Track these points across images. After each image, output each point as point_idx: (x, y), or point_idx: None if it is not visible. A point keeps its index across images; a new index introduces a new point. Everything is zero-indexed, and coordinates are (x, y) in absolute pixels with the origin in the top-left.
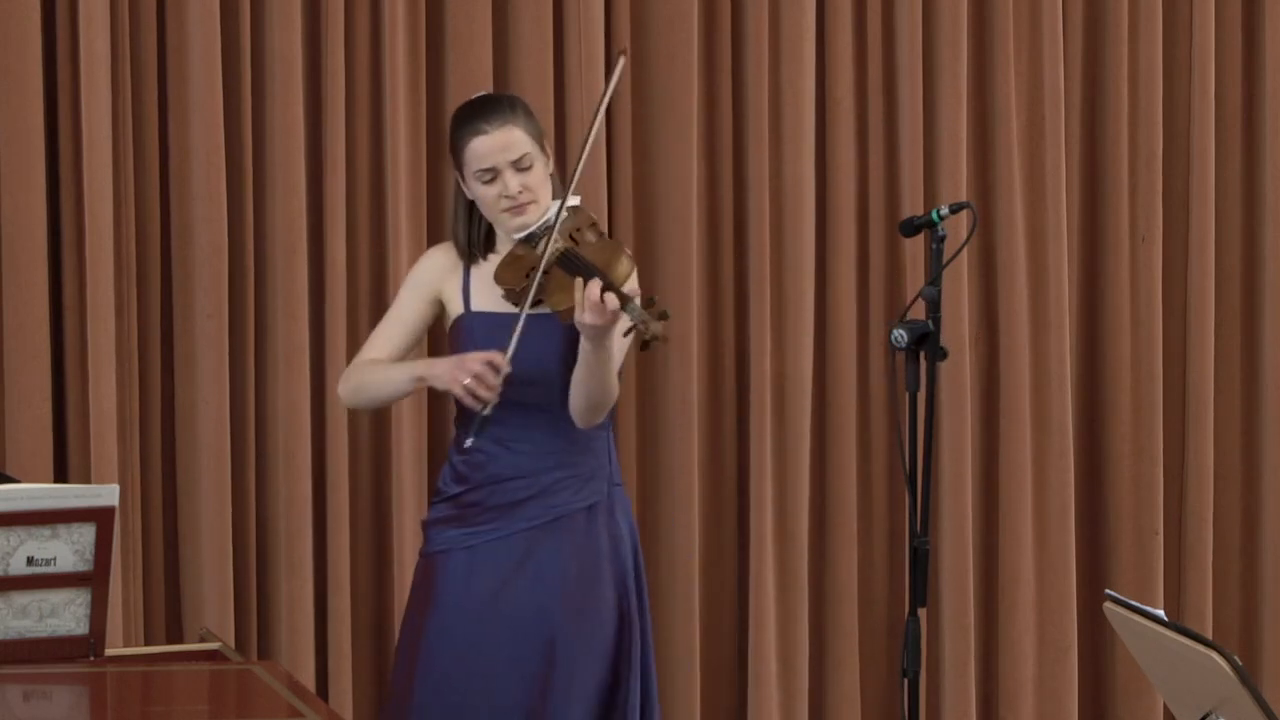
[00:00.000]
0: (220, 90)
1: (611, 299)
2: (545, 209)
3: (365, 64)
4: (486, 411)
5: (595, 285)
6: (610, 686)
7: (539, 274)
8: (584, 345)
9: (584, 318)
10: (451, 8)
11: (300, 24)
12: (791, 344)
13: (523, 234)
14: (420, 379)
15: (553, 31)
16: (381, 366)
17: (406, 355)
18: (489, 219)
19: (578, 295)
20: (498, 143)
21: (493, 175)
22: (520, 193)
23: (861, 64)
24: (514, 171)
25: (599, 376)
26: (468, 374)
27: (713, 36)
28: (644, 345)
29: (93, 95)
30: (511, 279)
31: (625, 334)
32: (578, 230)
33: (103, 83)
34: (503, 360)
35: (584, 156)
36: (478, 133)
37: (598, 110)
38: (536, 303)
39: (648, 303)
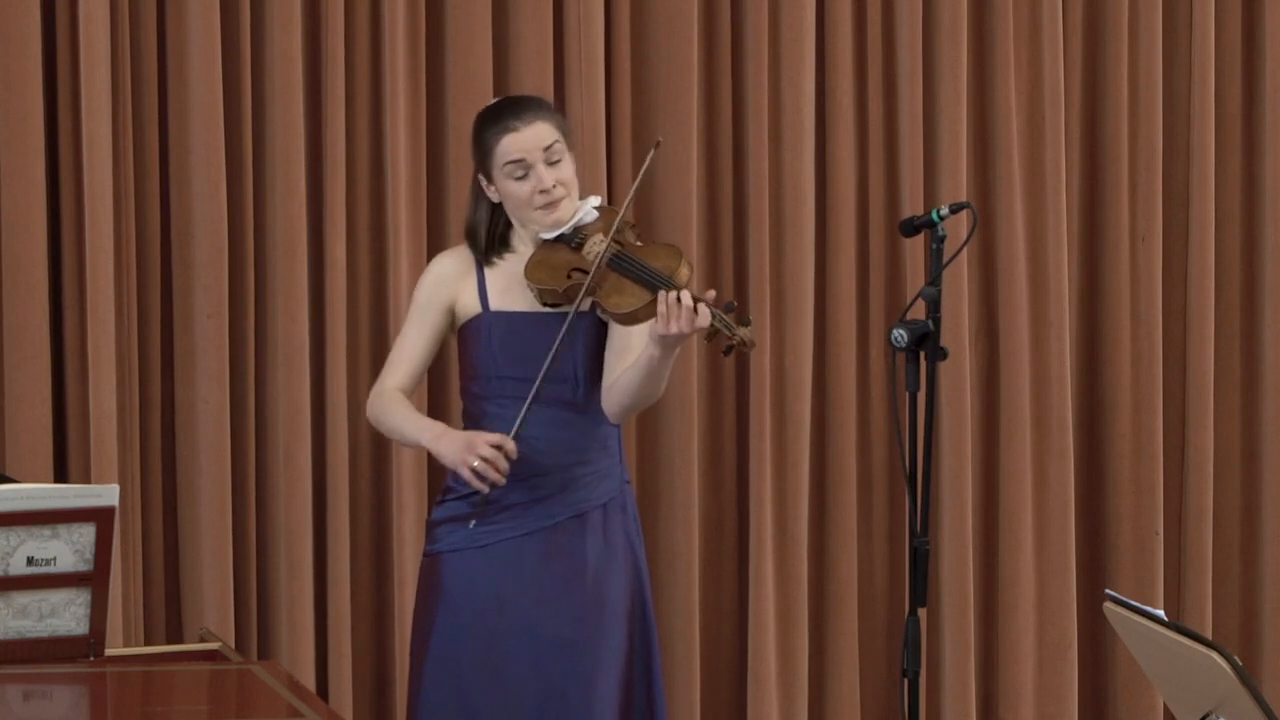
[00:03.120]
0: (220, 90)
1: (704, 314)
2: (576, 207)
3: (365, 64)
4: (486, 490)
5: (685, 295)
6: (627, 684)
7: (590, 277)
8: (652, 351)
9: (672, 329)
10: (451, 8)
11: (300, 24)
12: (791, 343)
13: (554, 233)
14: (424, 447)
15: (553, 31)
16: (400, 408)
17: (424, 373)
18: (517, 219)
19: (660, 308)
20: (528, 137)
21: (524, 170)
22: (555, 186)
23: (861, 64)
24: (546, 165)
25: (658, 379)
26: (476, 457)
27: (713, 36)
28: (728, 351)
29: (93, 95)
30: (548, 278)
31: (707, 339)
32: (618, 231)
33: (103, 83)
34: (512, 445)
35: (632, 194)
36: (508, 130)
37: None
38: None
39: (726, 308)
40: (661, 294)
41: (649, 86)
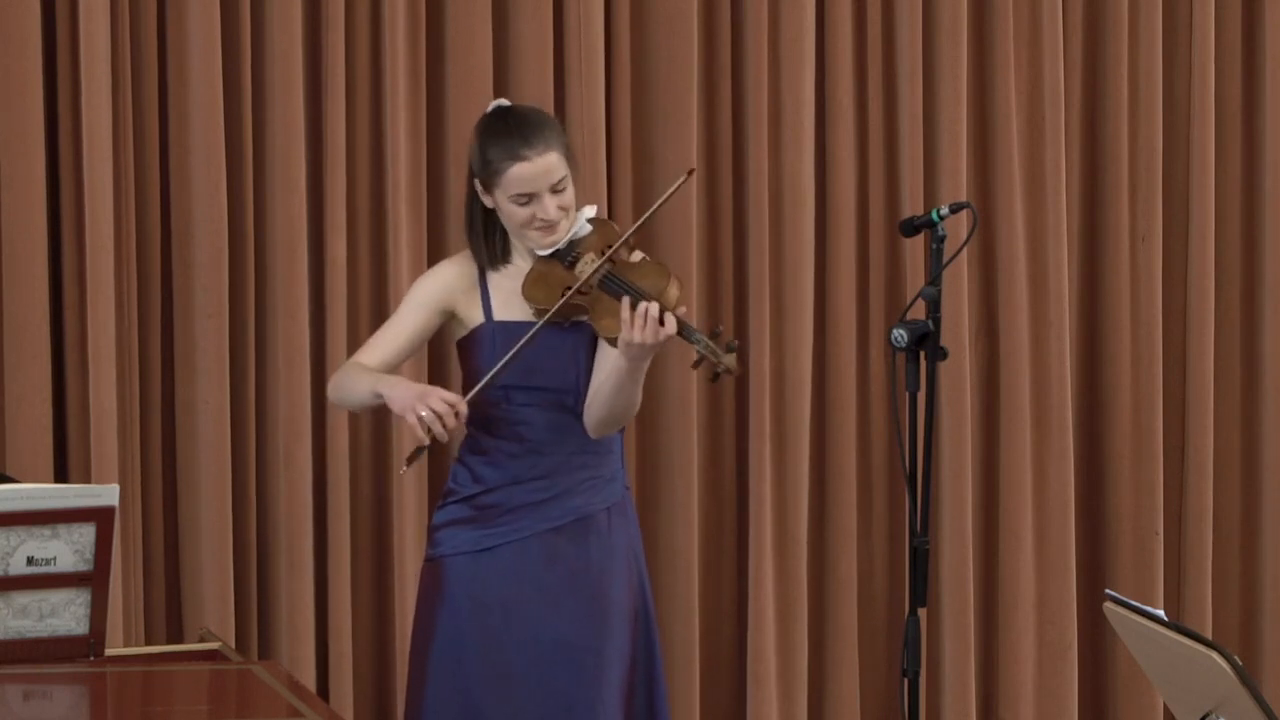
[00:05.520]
0: (220, 89)
1: (671, 321)
2: (571, 223)
3: (365, 64)
4: (427, 444)
5: (653, 305)
6: (629, 688)
7: (573, 292)
8: (620, 364)
9: (634, 336)
10: (451, 7)
11: (300, 24)
12: (791, 344)
13: (549, 250)
14: (379, 396)
15: (553, 32)
16: (360, 372)
17: (398, 366)
18: (511, 233)
19: (625, 314)
20: (539, 169)
21: (529, 199)
22: (556, 212)
23: (861, 64)
24: (551, 194)
25: (628, 394)
26: (426, 408)
27: (713, 36)
28: (714, 378)
29: (93, 94)
30: (544, 298)
31: (694, 366)
32: (609, 246)
33: (103, 82)
34: (465, 408)
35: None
36: (519, 159)
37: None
38: (568, 320)
39: (713, 334)
40: (626, 301)
41: (649, 86)
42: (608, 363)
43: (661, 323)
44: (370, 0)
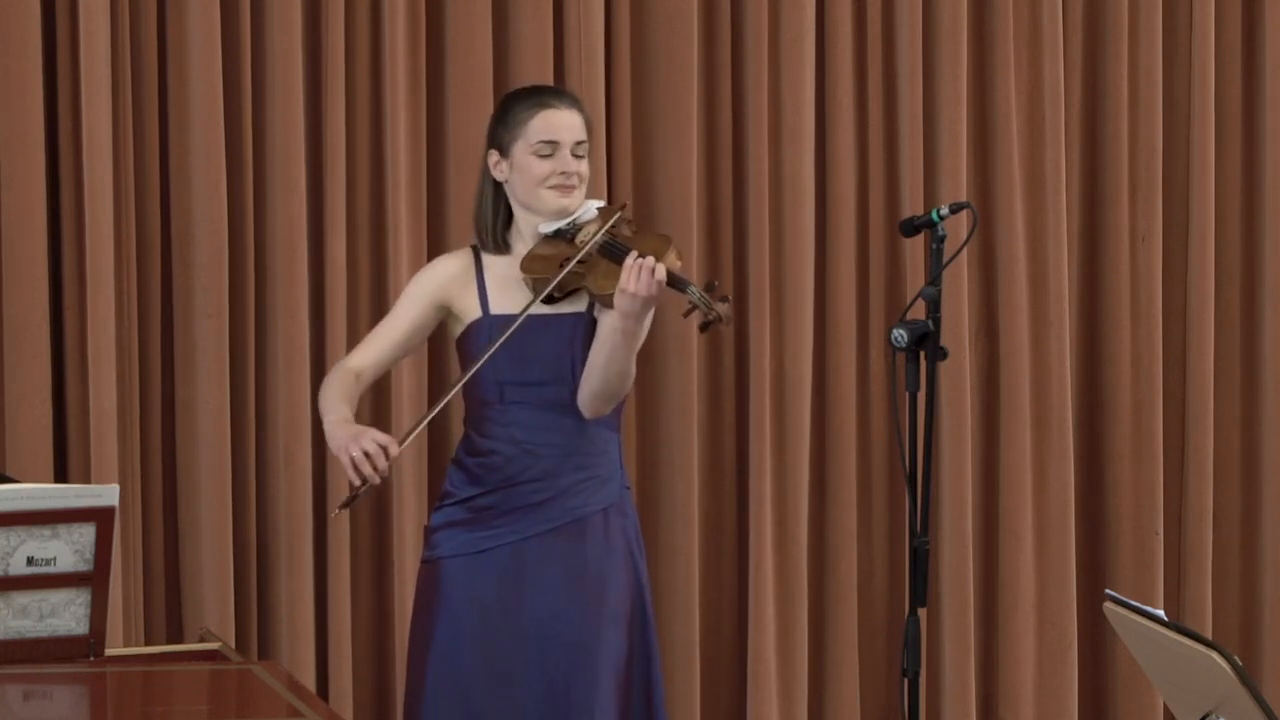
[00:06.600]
0: (220, 90)
1: (661, 271)
2: (581, 202)
3: (365, 64)
4: (361, 486)
5: (649, 258)
6: (625, 687)
7: (574, 263)
8: (614, 324)
9: (629, 286)
10: (451, 8)
11: (300, 24)
12: (791, 343)
13: (553, 227)
14: (325, 433)
15: (553, 31)
16: (334, 391)
17: (395, 362)
18: (522, 201)
19: (628, 261)
20: (566, 120)
21: (552, 150)
22: (574, 175)
23: (861, 64)
24: (572, 156)
25: (621, 359)
26: (359, 449)
27: (713, 36)
28: (704, 326)
29: (93, 95)
30: (542, 269)
31: (685, 315)
32: (614, 226)
33: (103, 82)
34: (396, 450)
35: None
36: (547, 106)
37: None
38: (555, 298)
39: (708, 287)
40: (633, 253)
41: (649, 86)
42: (603, 331)
43: (653, 272)
44: (370, 0)
